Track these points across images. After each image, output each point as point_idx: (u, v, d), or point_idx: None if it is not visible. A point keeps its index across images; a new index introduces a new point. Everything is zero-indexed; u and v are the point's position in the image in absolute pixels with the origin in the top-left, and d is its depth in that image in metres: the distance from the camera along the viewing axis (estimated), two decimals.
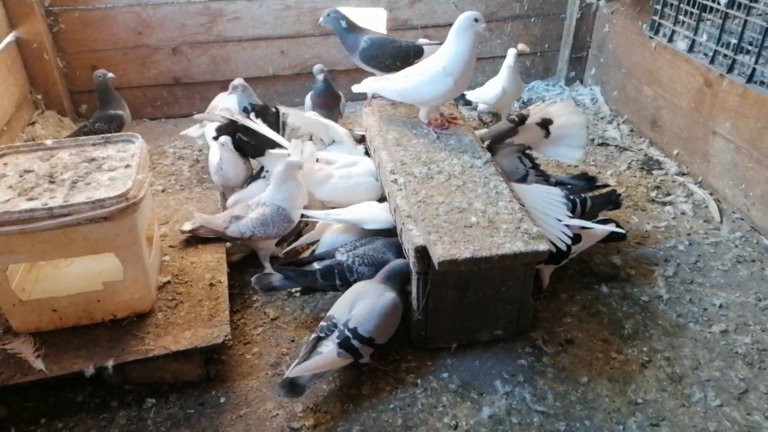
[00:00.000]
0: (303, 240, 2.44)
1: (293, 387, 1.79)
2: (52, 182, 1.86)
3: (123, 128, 2.94)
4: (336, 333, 1.84)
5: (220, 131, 2.62)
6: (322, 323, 1.89)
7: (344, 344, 1.81)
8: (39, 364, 1.78)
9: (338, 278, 2.09)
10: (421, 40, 2.81)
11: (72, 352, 1.83)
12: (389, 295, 1.90)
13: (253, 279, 2.17)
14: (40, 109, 3.29)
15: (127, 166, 1.94)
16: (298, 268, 2.15)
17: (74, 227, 1.74)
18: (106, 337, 1.88)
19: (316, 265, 2.13)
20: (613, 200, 2.49)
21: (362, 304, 1.88)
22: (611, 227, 2.22)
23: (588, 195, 2.42)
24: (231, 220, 2.27)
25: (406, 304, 2.01)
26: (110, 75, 2.92)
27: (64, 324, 1.91)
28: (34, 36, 3.14)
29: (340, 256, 2.13)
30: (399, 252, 2.11)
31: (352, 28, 2.60)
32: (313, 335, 1.87)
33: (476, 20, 2.15)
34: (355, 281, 2.04)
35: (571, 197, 2.29)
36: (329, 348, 1.82)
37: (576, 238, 2.11)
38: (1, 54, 2.97)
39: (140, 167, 1.93)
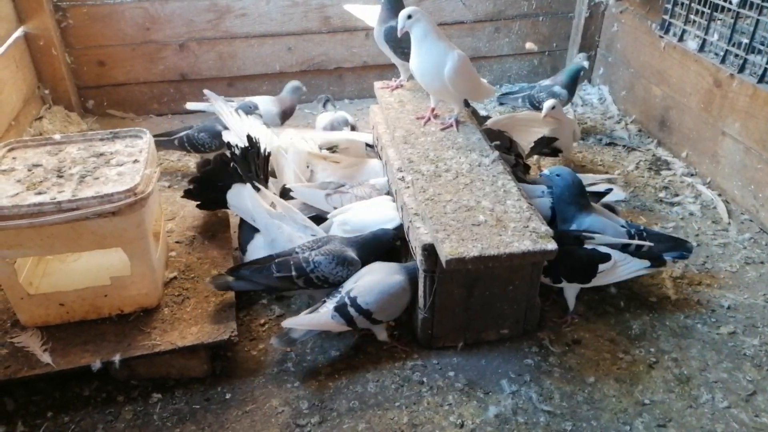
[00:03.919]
0: None
1: (286, 338, 1.91)
2: (60, 177, 1.86)
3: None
4: (338, 297, 1.90)
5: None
6: (332, 290, 1.97)
7: (340, 309, 1.88)
8: (46, 358, 1.78)
9: (294, 269, 1.98)
10: None
11: (79, 346, 1.84)
12: (398, 278, 1.95)
13: (208, 279, 2.08)
14: (47, 104, 3.30)
15: (135, 161, 1.95)
16: (252, 266, 2.04)
17: (82, 222, 1.74)
18: (113, 332, 1.89)
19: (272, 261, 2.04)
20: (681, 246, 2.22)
21: (369, 278, 1.94)
22: (643, 267, 2.07)
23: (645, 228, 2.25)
24: (334, 190, 2.37)
25: (413, 302, 2.01)
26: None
27: (72, 318, 1.91)
28: (42, 31, 3.14)
29: (298, 251, 2.05)
30: (361, 249, 2.05)
31: (398, 2, 2.52)
32: (323, 298, 1.96)
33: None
34: (311, 271, 1.97)
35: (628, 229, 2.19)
36: (326, 309, 1.89)
37: (606, 257, 2.04)
38: (10, 49, 2.97)
39: (148, 162, 1.93)
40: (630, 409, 1.83)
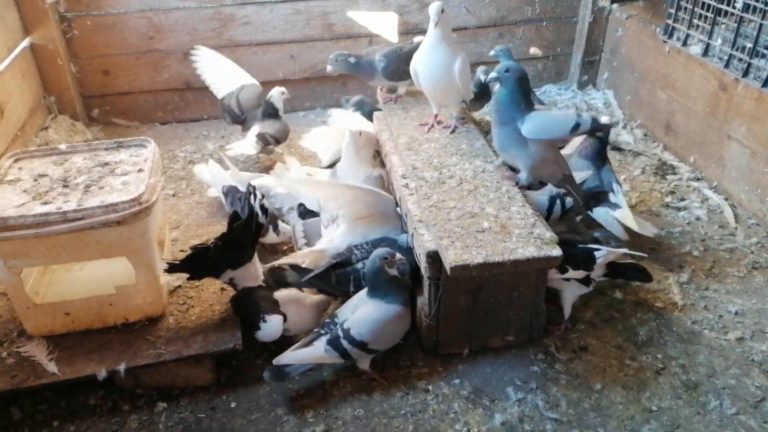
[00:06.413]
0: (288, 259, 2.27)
1: (279, 372, 1.86)
2: (65, 186, 1.87)
3: None
4: (332, 330, 1.87)
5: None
6: (326, 320, 1.94)
7: (333, 342, 1.84)
8: (52, 367, 1.79)
9: (353, 285, 2.06)
10: (417, 38, 2.74)
11: (84, 355, 1.84)
12: (392, 306, 1.86)
13: (266, 268, 2.10)
14: (53, 113, 3.32)
15: (140, 170, 1.95)
16: (311, 270, 2.09)
17: (87, 231, 1.75)
18: (118, 341, 1.89)
19: (332, 270, 2.09)
20: None
21: (363, 309, 1.89)
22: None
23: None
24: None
25: (414, 311, 2.00)
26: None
27: (77, 327, 1.92)
28: (48, 42, 3.16)
29: (355, 262, 2.08)
30: (411, 257, 2.09)
31: (359, 57, 2.60)
32: (316, 329, 1.92)
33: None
34: None
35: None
36: (321, 342, 1.86)
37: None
38: (16, 60, 2.99)
39: (153, 171, 1.94)
40: (637, 416, 1.82)
